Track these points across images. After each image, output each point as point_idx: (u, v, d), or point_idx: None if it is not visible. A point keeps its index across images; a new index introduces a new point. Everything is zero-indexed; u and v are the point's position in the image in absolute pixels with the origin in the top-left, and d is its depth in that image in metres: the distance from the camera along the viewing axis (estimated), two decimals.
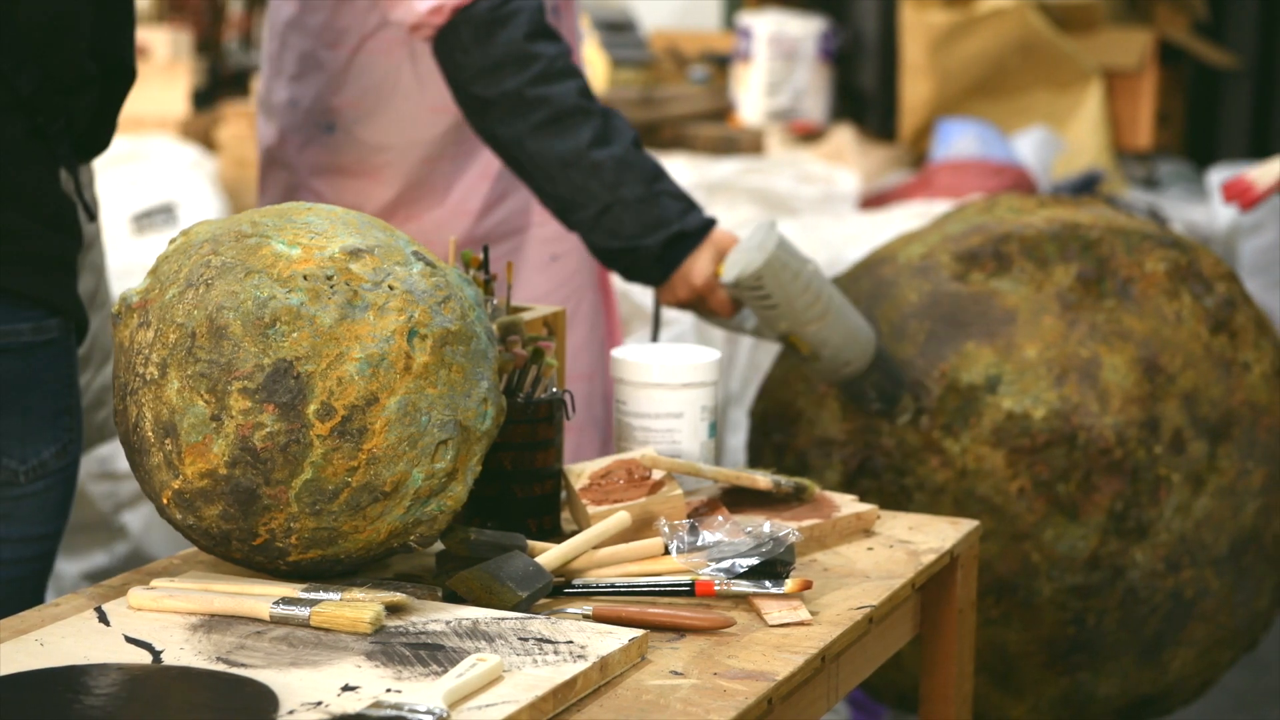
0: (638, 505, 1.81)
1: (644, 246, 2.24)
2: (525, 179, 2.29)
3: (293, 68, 2.50)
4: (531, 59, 2.23)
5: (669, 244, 2.24)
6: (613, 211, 2.23)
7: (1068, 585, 2.35)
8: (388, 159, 2.48)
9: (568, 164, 2.23)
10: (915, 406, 2.39)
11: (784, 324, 2.22)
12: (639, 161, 2.25)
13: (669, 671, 1.51)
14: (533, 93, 2.23)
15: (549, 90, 2.23)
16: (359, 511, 1.60)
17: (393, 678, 1.42)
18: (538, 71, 2.23)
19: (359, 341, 1.58)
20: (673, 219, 2.25)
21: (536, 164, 2.25)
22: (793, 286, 2.19)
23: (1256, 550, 2.43)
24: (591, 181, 2.23)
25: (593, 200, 2.23)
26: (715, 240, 2.26)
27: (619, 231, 2.24)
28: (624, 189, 2.23)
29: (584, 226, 2.26)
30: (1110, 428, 2.34)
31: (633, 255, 2.25)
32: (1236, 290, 2.50)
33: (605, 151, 2.23)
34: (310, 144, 2.51)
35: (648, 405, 1.97)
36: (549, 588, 1.65)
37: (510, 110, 2.24)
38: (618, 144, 2.25)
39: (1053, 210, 2.56)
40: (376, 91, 2.45)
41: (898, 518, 1.97)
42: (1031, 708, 2.45)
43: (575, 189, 2.24)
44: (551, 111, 2.23)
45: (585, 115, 2.24)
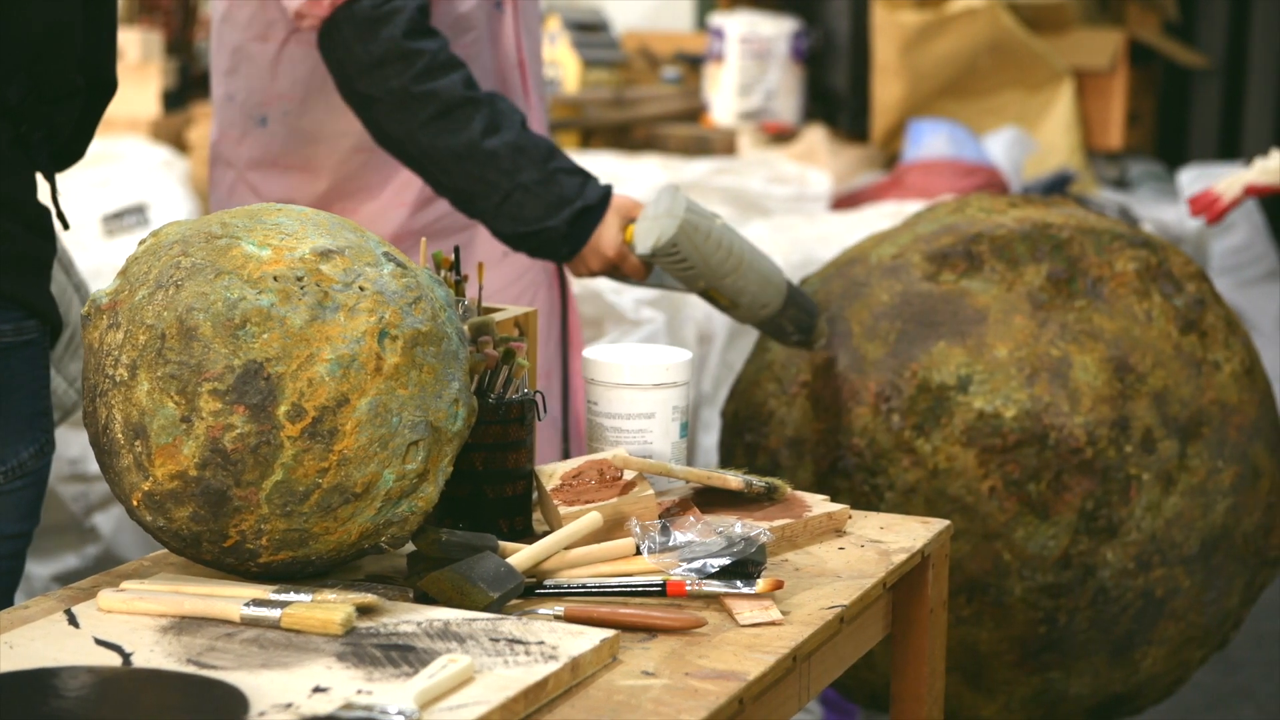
0: (609, 506, 1.81)
1: (550, 227, 2.28)
2: (421, 173, 2.32)
3: (226, 63, 2.51)
4: (415, 55, 2.26)
5: (574, 221, 2.28)
6: (513, 198, 2.27)
7: (1039, 584, 2.36)
8: (319, 150, 2.49)
9: (462, 156, 2.27)
10: (830, 331, 2.46)
11: (701, 281, 2.28)
12: (531, 144, 2.29)
13: (640, 672, 1.51)
14: (418, 89, 2.26)
15: (434, 85, 2.26)
16: (330, 513, 1.60)
17: (364, 679, 1.41)
18: (421, 67, 2.26)
19: (329, 343, 1.58)
20: (573, 195, 2.29)
21: (430, 158, 2.28)
22: (706, 246, 2.24)
23: (1227, 549, 2.44)
24: (488, 171, 2.27)
25: (493, 189, 2.27)
26: (618, 207, 2.31)
27: (522, 216, 2.28)
28: (521, 174, 2.27)
29: (486, 215, 2.30)
30: (1081, 427, 2.34)
31: (539, 237, 2.29)
32: (1207, 290, 2.51)
33: (498, 139, 2.26)
34: (246, 138, 2.52)
35: (619, 406, 1.97)
36: (520, 588, 1.64)
37: (398, 107, 2.27)
38: (508, 130, 2.28)
39: (1023, 210, 2.56)
40: (306, 83, 2.45)
41: (869, 517, 1.97)
42: (1003, 707, 2.46)
43: (473, 180, 2.27)
44: (440, 105, 2.27)
45: (474, 105, 2.27)
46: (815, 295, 2.52)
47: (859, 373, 2.41)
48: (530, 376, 2.00)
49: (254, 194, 2.53)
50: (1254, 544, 2.47)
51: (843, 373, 2.42)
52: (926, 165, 5.17)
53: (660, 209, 2.26)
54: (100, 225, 4.43)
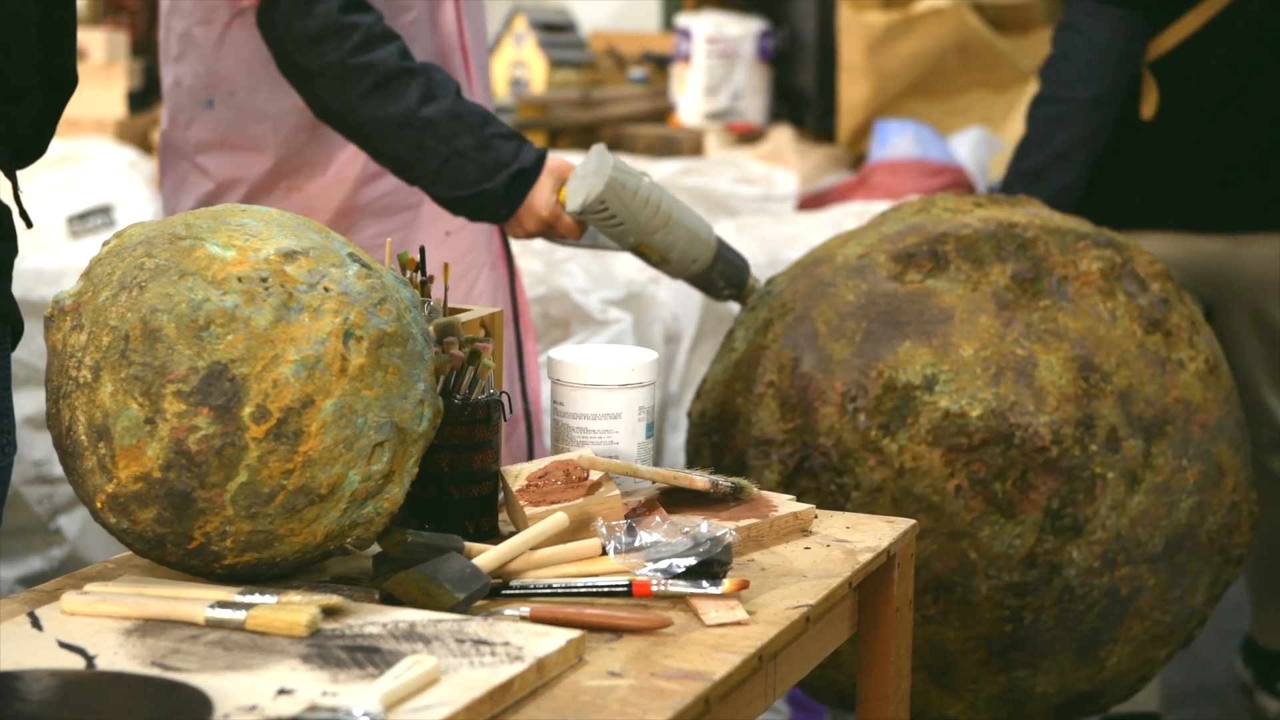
0: (575, 506, 1.81)
1: (488, 190, 2.37)
2: (360, 143, 2.40)
3: (174, 49, 2.56)
4: (350, 29, 2.33)
5: (511, 182, 2.37)
6: (451, 163, 2.36)
7: (1005, 583, 2.37)
8: (264, 129, 2.54)
9: (401, 125, 2.35)
10: (759, 286, 2.56)
11: (632, 238, 2.38)
12: (466, 111, 2.37)
13: (606, 672, 1.51)
14: (356, 61, 2.33)
15: (371, 57, 2.34)
16: (295, 514, 1.60)
17: (329, 680, 1.41)
18: (358, 40, 2.33)
19: (294, 344, 1.58)
20: (509, 159, 2.38)
21: (370, 128, 2.36)
22: (634, 203, 2.34)
23: (1191, 547, 2.45)
24: (426, 138, 2.35)
25: (431, 156, 2.36)
26: (552, 169, 2.40)
27: (460, 181, 2.36)
28: (458, 140, 2.36)
29: (425, 181, 2.38)
30: (1046, 426, 2.35)
31: (479, 200, 2.37)
32: (1171, 289, 2.52)
33: (434, 107, 2.35)
34: (194, 122, 2.56)
35: (585, 406, 1.97)
36: (486, 589, 1.64)
37: (337, 80, 2.34)
38: (444, 97, 2.36)
39: (988, 210, 2.57)
40: (249, 64, 2.50)
41: (835, 517, 1.98)
42: (969, 705, 2.46)
43: (411, 147, 2.35)
44: (377, 77, 2.34)
45: (410, 75, 2.35)
46: (782, 295, 2.52)
47: (825, 372, 2.41)
48: (496, 377, 2.00)
49: (205, 177, 2.57)
50: (1218, 542, 2.48)
51: (809, 373, 2.42)
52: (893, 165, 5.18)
53: (589, 168, 2.36)
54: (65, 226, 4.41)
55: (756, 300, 2.55)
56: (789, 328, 2.47)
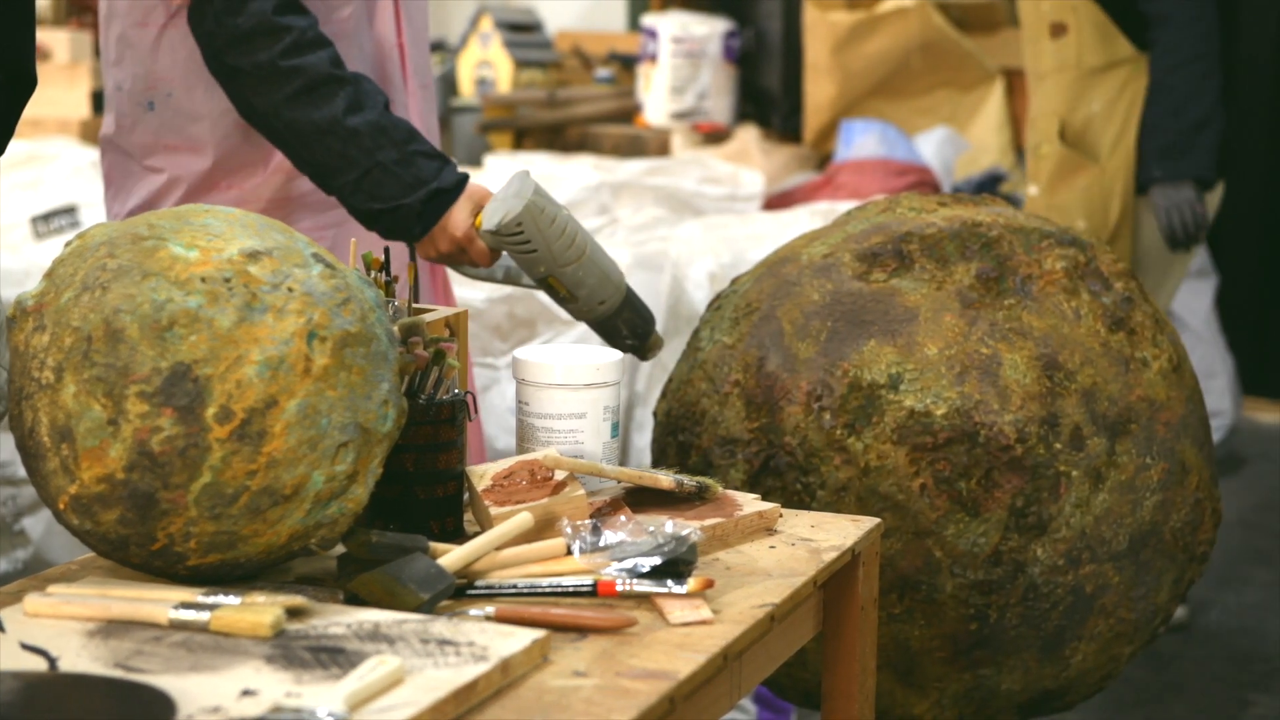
0: (540, 506, 1.81)
1: (405, 205, 2.35)
2: (282, 147, 2.38)
3: (113, 54, 2.55)
4: (282, 30, 2.33)
5: (428, 200, 2.36)
6: (372, 175, 2.34)
7: (970, 581, 2.37)
8: (203, 128, 2.51)
9: (324, 132, 2.33)
10: (662, 342, 2.51)
11: (542, 267, 2.34)
12: (392, 125, 2.36)
13: (571, 672, 1.51)
14: (286, 64, 2.32)
15: (301, 61, 2.33)
16: (259, 515, 1.59)
17: (292, 681, 1.41)
18: (289, 43, 2.33)
19: (258, 344, 1.57)
20: (429, 177, 2.36)
21: (294, 132, 2.35)
22: (550, 230, 2.31)
23: (1155, 545, 2.46)
24: (349, 148, 2.34)
25: (352, 166, 2.34)
26: (471, 193, 2.38)
27: (379, 194, 2.35)
28: (380, 153, 2.34)
29: (344, 191, 2.36)
30: (1011, 425, 2.36)
31: (394, 215, 2.36)
32: (1135, 288, 2.53)
33: (360, 118, 2.33)
34: (137, 125, 2.55)
35: (550, 406, 1.97)
36: (451, 589, 1.64)
37: (264, 80, 2.33)
38: (370, 110, 2.35)
39: (953, 209, 2.58)
40: (185, 65, 2.49)
41: (800, 516, 1.98)
42: (935, 703, 2.47)
43: (333, 155, 2.34)
44: (305, 81, 2.33)
45: (338, 83, 2.34)
46: (747, 294, 2.53)
47: (791, 372, 2.42)
48: (461, 377, 1.99)
49: (157, 176, 2.56)
50: (1182, 540, 2.49)
51: (774, 372, 2.43)
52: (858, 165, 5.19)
53: (509, 191, 2.35)
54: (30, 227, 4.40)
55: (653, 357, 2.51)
56: (754, 327, 2.47)
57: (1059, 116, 4.21)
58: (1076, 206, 4.16)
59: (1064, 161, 4.20)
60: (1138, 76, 4.13)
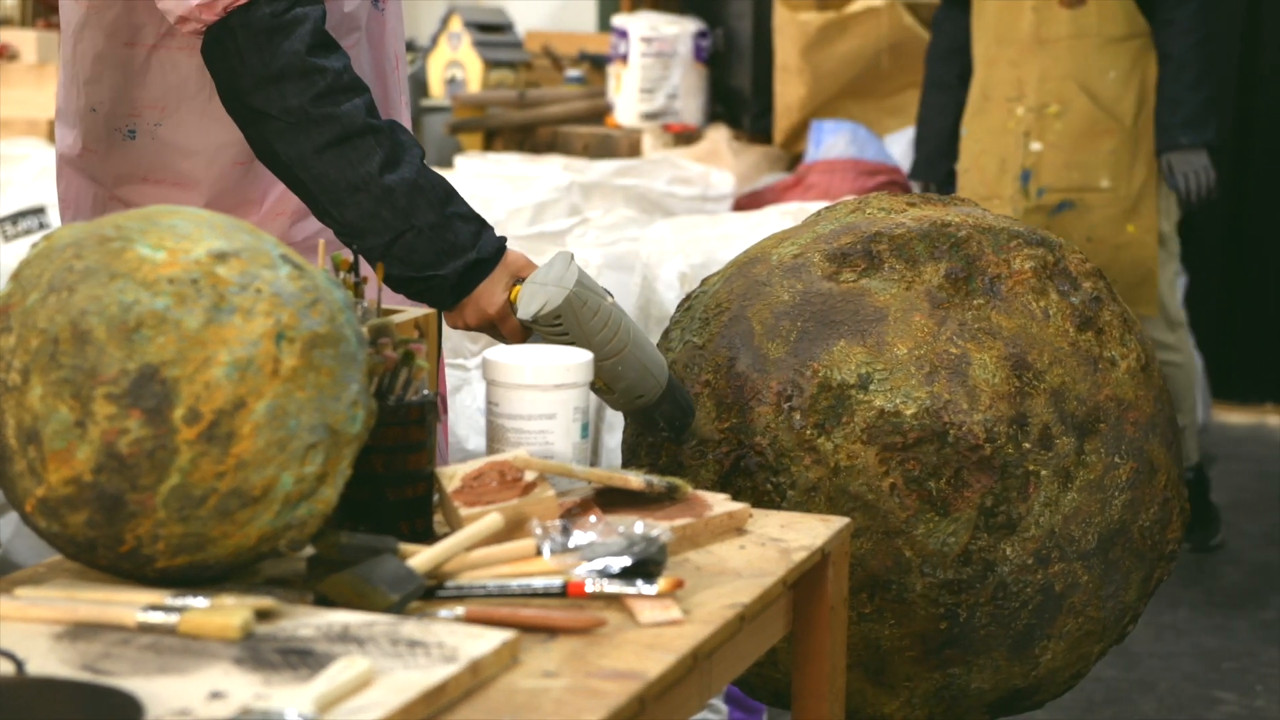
0: (510, 507, 1.81)
1: (440, 276, 2.16)
2: (306, 199, 2.18)
3: (88, 71, 2.33)
4: (316, 73, 2.11)
5: (465, 272, 2.17)
6: (405, 239, 2.14)
7: (939, 580, 2.38)
8: (196, 164, 2.32)
9: (357, 189, 2.13)
10: (700, 434, 2.41)
11: None
12: (430, 184, 2.16)
13: (541, 672, 1.51)
14: (318, 111, 2.11)
15: (336, 108, 2.11)
16: (228, 517, 1.59)
17: (261, 683, 1.41)
18: (324, 87, 2.11)
19: (226, 345, 1.57)
20: (467, 245, 2.17)
21: (322, 186, 2.14)
22: (591, 324, 2.15)
23: (1124, 543, 2.47)
24: (383, 209, 2.13)
25: (385, 228, 2.14)
26: (508, 264, 2.20)
27: (412, 260, 2.15)
28: (417, 216, 2.14)
29: (373, 253, 2.16)
30: (980, 424, 2.36)
31: (426, 284, 2.17)
32: (1103, 287, 2.54)
33: (396, 175, 2.13)
34: (112, 152, 2.34)
35: (520, 407, 1.97)
36: (421, 590, 1.64)
37: (293, 127, 2.11)
38: (407, 165, 2.15)
39: (922, 209, 2.58)
40: (179, 91, 2.29)
41: (770, 516, 1.98)
42: (905, 702, 2.47)
43: (365, 215, 2.14)
44: (339, 131, 2.12)
45: (374, 135, 2.13)
46: (717, 294, 2.53)
47: (760, 372, 2.42)
48: (430, 378, 1.99)
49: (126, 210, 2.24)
50: (1151, 538, 2.50)
51: (744, 372, 2.43)
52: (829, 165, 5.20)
53: (550, 276, 2.17)
54: None
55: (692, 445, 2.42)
56: (724, 327, 2.48)
57: (1075, 80, 4.47)
58: (1102, 166, 4.46)
59: (1090, 123, 4.45)
60: (1149, 49, 4.52)
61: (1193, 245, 6.54)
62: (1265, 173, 6.54)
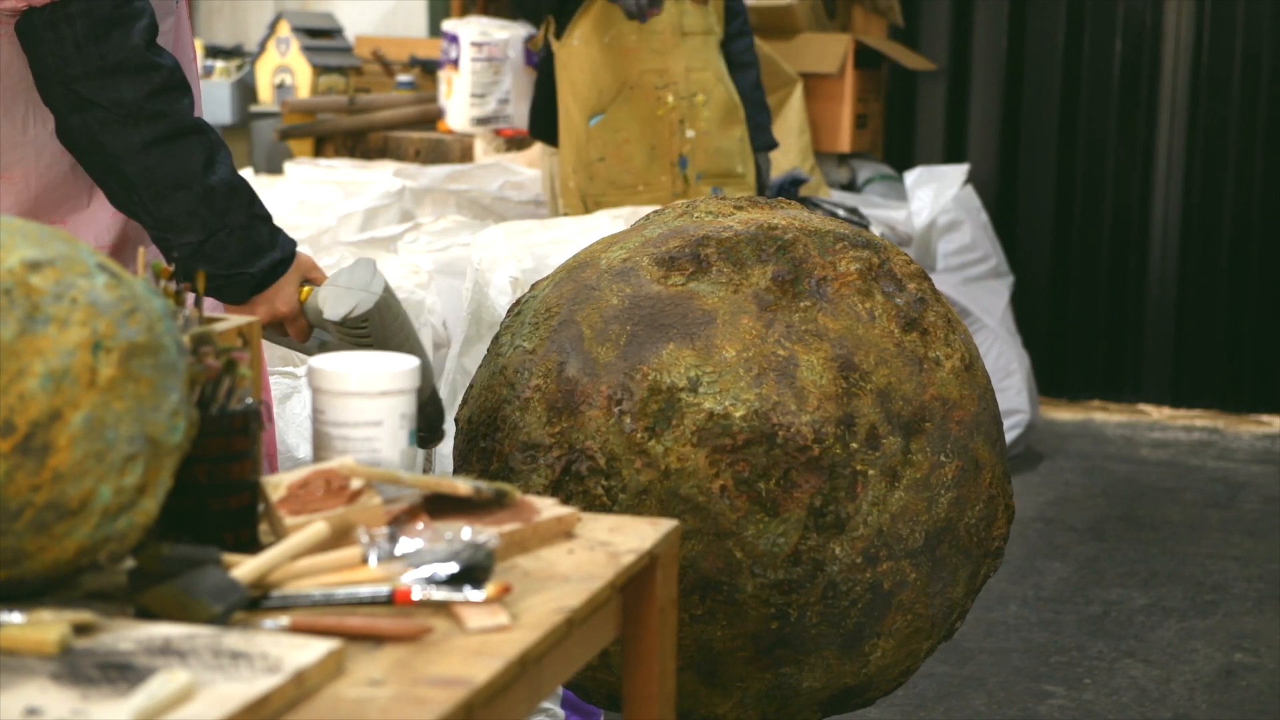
0: (336, 515, 1.80)
1: (247, 274, 2.23)
2: (123, 191, 2.20)
3: None
4: (152, 69, 2.15)
5: (270, 270, 2.24)
6: (217, 238, 2.20)
7: (770, 581, 2.39)
8: (19, 157, 2.28)
9: (181, 186, 2.17)
10: (445, 436, 2.52)
11: None
12: (241, 185, 2.22)
13: (367, 681, 1.50)
14: (151, 106, 2.15)
15: (169, 106, 2.16)
16: (44, 530, 1.56)
17: (79, 699, 1.38)
18: (158, 83, 2.15)
19: (40, 356, 1.54)
20: (269, 245, 2.25)
21: (147, 181, 2.17)
22: (391, 327, 2.27)
23: (951, 541, 2.50)
24: (202, 207, 2.18)
25: (201, 226, 2.19)
26: (299, 264, 2.29)
27: (220, 258, 2.21)
28: (230, 216, 2.20)
29: (185, 250, 2.20)
30: (808, 425, 2.38)
31: (230, 280, 2.23)
32: (927, 288, 2.57)
33: (216, 176, 2.19)
34: None
35: (345, 414, 1.96)
36: (245, 601, 1.62)
37: (123, 120, 2.14)
38: (223, 166, 2.20)
39: (749, 213, 2.60)
40: (4, 78, 2.24)
41: (599, 519, 1.98)
42: (738, 703, 2.49)
43: (184, 213, 2.18)
44: (169, 128, 2.16)
45: (199, 135, 2.19)
46: (546, 299, 2.53)
47: (591, 376, 2.42)
48: (254, 386, 1.97)
49: None
50: (977, 535, 2.54)
51: (575, 376, 2.43)
52: None
53: (356, 280, 2.25)
54: None
55: None
56: (554, 332, 2.48)
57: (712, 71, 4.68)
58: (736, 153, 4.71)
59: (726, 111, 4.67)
60: None
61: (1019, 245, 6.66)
62: (1087, 171, 6.67)
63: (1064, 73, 6.66)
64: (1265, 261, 6.48)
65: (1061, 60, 6.66)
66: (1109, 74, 6.61)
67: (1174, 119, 6.55)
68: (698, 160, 4.61)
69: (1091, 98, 6.64)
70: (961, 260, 5.91)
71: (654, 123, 4.59)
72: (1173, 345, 6.63)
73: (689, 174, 4.61)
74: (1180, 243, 6.58)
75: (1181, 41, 6.51)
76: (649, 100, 4.58)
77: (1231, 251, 6.52)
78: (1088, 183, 6.68)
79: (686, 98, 4.60)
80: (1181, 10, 6.51)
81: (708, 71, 4.63)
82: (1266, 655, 4.21)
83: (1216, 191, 6.52)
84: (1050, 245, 6.73)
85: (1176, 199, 6.57)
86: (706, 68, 4.63)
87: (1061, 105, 6.67)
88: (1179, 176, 6.56)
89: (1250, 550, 5.04)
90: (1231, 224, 6.51)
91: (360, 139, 5.64)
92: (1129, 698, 3.93)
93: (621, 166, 4.60)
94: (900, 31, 6.65)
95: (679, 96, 4.59)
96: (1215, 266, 6.54)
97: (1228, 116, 6.48)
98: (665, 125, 4.58)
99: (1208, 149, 6.51)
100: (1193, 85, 6.52)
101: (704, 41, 4.63)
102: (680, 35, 4.60)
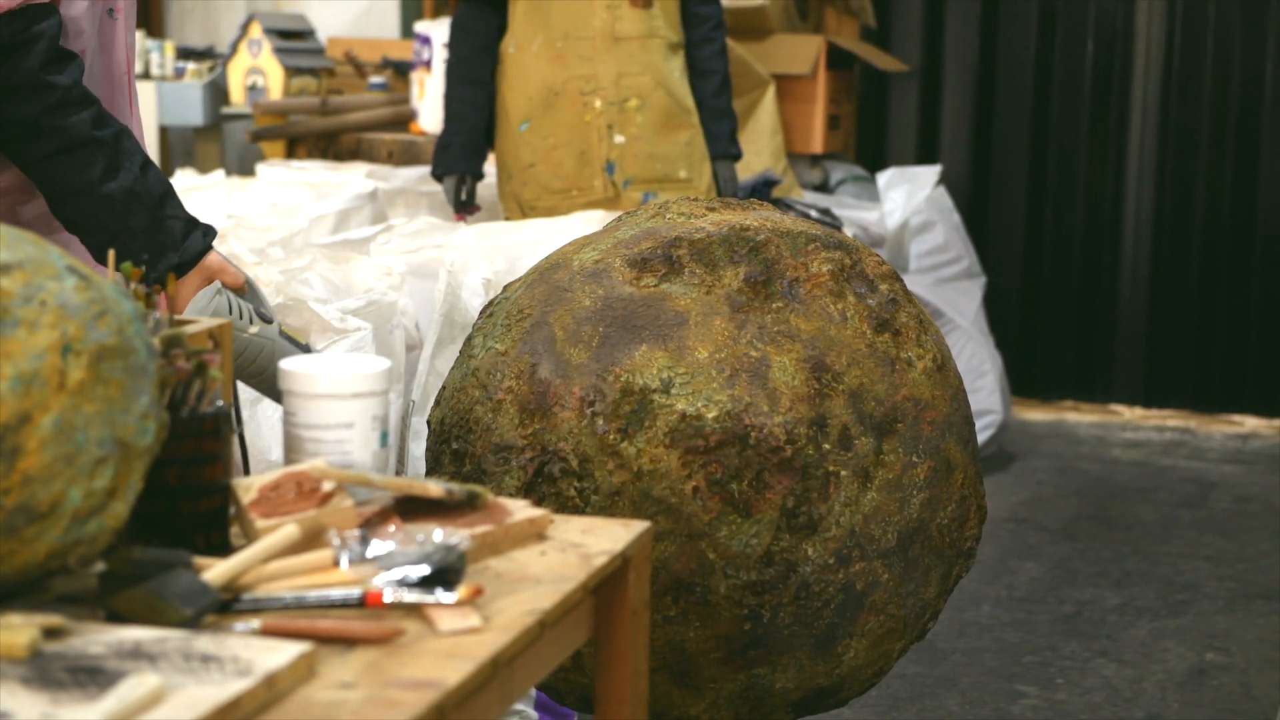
0: (307, 518, 1.79)
1: (150, 275, 2.37)
2: (42, 193, 2.40)
3: None
4: (47, 89, 2.33)
5: (172, 269, 2.40)
6: (120, 239, 2.38)
7: (743, 582, 2.39)
8: None
9: (79, 193, 2.37)
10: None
11: None
12: (146, 189, 2.40)
13: (339, 684, 1.49)
14: (47, 123, 2.34)
15: (63, 121, 2.34)
16: (14, 533, 1.55)
17: (49, 703, 1.38)
18: (53, 101, 2.34)
19: (10, 359, 1.54)
20: (173, 246, 2.42)
21: (48, 187, 2.38)
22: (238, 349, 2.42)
23: (923, 541, 2.51)
24: (100, 212, 2.38)
25: (101, 228, 2.39)
26: (206, 267, 2.45)
27: (124, 256, 2.31)
28: (131, 218, 2.39)
29: (93, 249, 2.40)
30: (780, 426, 2.38)
31: None
32: (899, 289, 2.58)
33: (114, 183, 2.37)
34: None
35: (317, 416, 1.95)
36: (216, 604, 1.62)
37: (23, 136, 2.35)
38: (126, 173, 2.38)
39: (722, 214, 2.60)
40: None
41: (571, 521, 1.98)
42: (711, 704, 2.49)
43: (84, 215, 2.39)
44: (64, 142, 2.35)
45: (97, 146, 2.37)
46: (519, 300, 2.53)
47: (563, 377, 2.42)
48: (225, 389, 1.97)
49: None
50: (949, 536, 2.54)
51: (547, 378, 2.43)
52: None
53: (198, 306, 2.42)
54: None
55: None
56: (526, 333, 2.47)
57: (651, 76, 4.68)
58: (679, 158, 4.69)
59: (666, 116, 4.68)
60: None
61: (992, 246, 6.67)
62: (1059, 172, 6.68)
63: (1036, 74, 6.68)
64: (1236, 262, 6.51)
65: (1033, 61, 6.68)
66: (1081, 75, 6.63)
67: (1145, 120, 6.56)
68: (627, 166, 4.62)
69: (1063, 99, 6.66)
70: (934, 261, 5.91)
71: (581, 128, 4.63)
72: (1145, 345, 6.65)
73: (616, 179, 4.63)
74: (1152, 243, 6.60)
75: (1153, 43, 6.53)
76: (575, 106, 4.62)
77: (1203, 252, 6.54)
78: (1060, 184, 6.69)
79: (616, 103, 4.62)
80: (1153, 12, 6.53)
81: (644, 76, 4.64)
82: (1238, 654, 4.22)
83: (1188, 192, 6.54)
84: (1022, 246, 6.74)
85: (1148, 200, 6.58)
86: (644, 72, 4.64)
87: (1033, 106, 6.69)
88: (1150, 177, 6.57)
89: (1222, 550, 5.06)
90: (1203, 224, 6.53)
91: (332, 140, 5.63)
92: (1101, 697, 3.94)
93: (551, 171, 4.63)
94: (872, 32, 6.66)
95: (607, 102, 4.61)
96: (1187, 267, 6.56)
97: (1199, 117, 6.50)
98: (593, 130, 4.61)
99: (1179, 150, 6.53)
100: (1164, 86, 6.54)
101: (642, 46, 4.64)
102: (612, 40, 4.63)
